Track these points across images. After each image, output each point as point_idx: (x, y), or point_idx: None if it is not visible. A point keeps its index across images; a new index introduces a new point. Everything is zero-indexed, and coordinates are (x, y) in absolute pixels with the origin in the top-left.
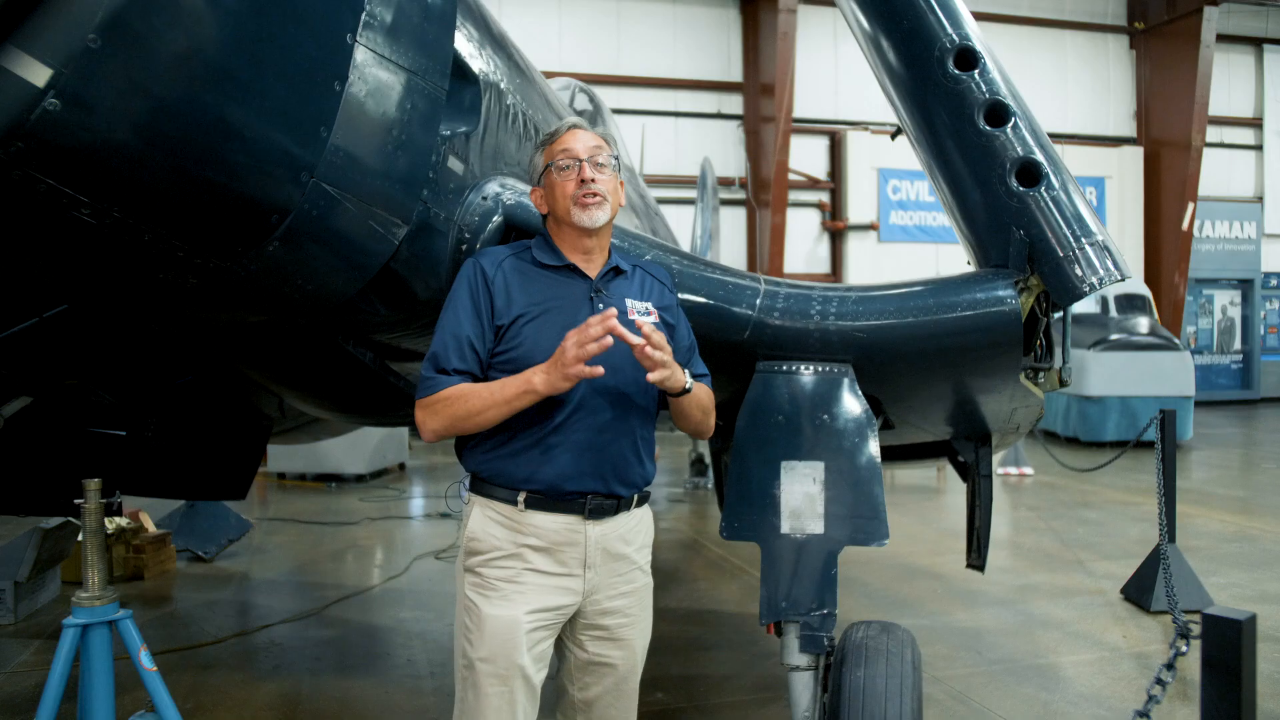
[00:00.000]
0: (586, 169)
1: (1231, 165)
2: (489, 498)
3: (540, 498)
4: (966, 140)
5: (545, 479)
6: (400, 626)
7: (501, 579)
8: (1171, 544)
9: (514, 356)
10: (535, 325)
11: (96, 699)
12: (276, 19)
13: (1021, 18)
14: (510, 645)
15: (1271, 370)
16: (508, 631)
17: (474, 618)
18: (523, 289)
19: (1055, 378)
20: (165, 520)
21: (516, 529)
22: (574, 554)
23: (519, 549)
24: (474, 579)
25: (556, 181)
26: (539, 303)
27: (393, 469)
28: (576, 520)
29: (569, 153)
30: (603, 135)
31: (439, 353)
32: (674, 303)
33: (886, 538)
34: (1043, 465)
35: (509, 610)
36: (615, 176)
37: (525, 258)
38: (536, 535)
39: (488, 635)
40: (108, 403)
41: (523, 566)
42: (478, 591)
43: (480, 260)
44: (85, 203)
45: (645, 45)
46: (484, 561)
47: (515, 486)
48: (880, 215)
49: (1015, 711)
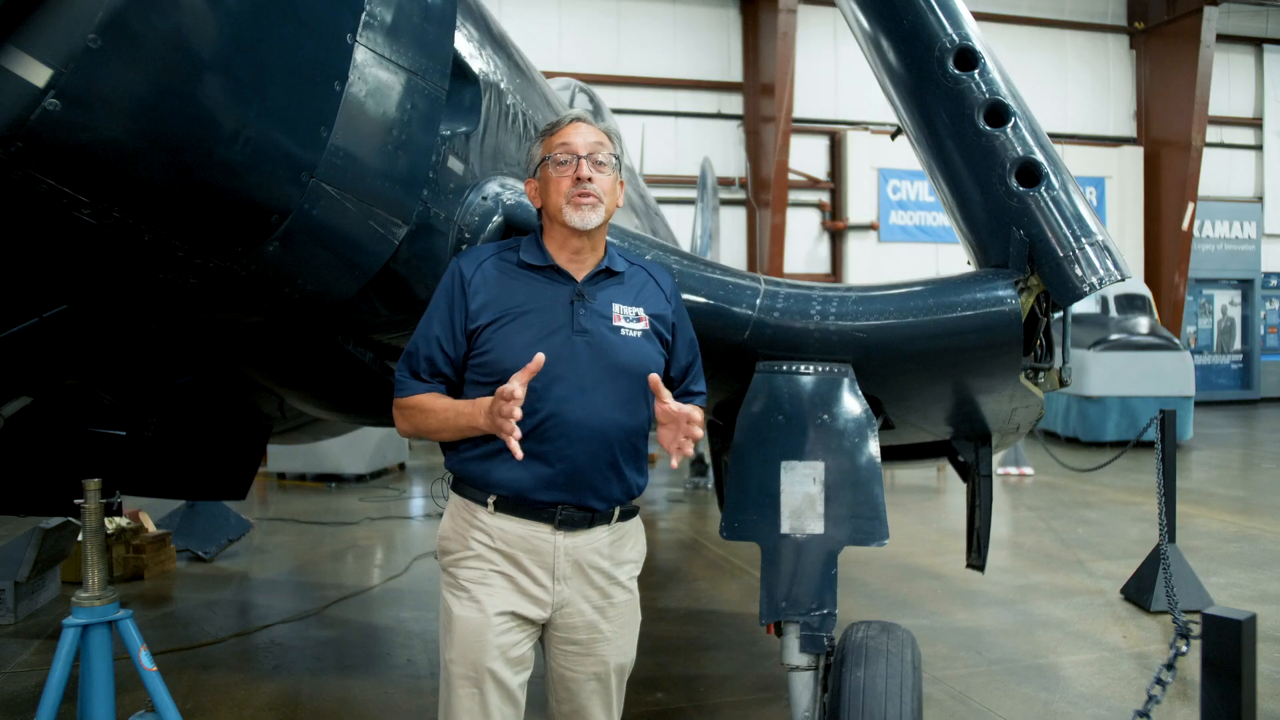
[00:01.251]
0: (584, 166)
1: (1231, 165)
2: (463, 498)
3: (509, 502)
4: (966, 140)
5: (515, 484)
6: (400, 626)
7: (470, 580)
8: (1171, 544)
9: (485, 360)
10: (509, 330)
11: (96, 699)
12: (276, 19)
13: (1021, 18)
14: (477, 648)
15: (1271, 370)
16: (475, 633)
17: (445, 617)
18: (501, 291)
19: (1055, 378)
20: (165, 520)
21: (485, 530)
22: (540, 562)
23: (485, 550)
24: (447, 578)
25: (552, 176)
26: (517, 305)
27: (393, 469)
28: (546, 529)
29: (568, 147)
30: (606, 130)
31: (411, 354)
32: (670, 313)
33: (886, 538)
34: (1043, 465)
35: (475, 612)
36: (615, 175)
37: (509, 258)
38: (504, 540)
39: (456, 636)
40: (108, 403)
41: (489, 568)
42: (449, 591)
43: (461, 261)
44: (85, 203)
45: (645, 45)
46: (454, 561)
47: (486, 488)
48: (880, 215)
49: (1015, 711)
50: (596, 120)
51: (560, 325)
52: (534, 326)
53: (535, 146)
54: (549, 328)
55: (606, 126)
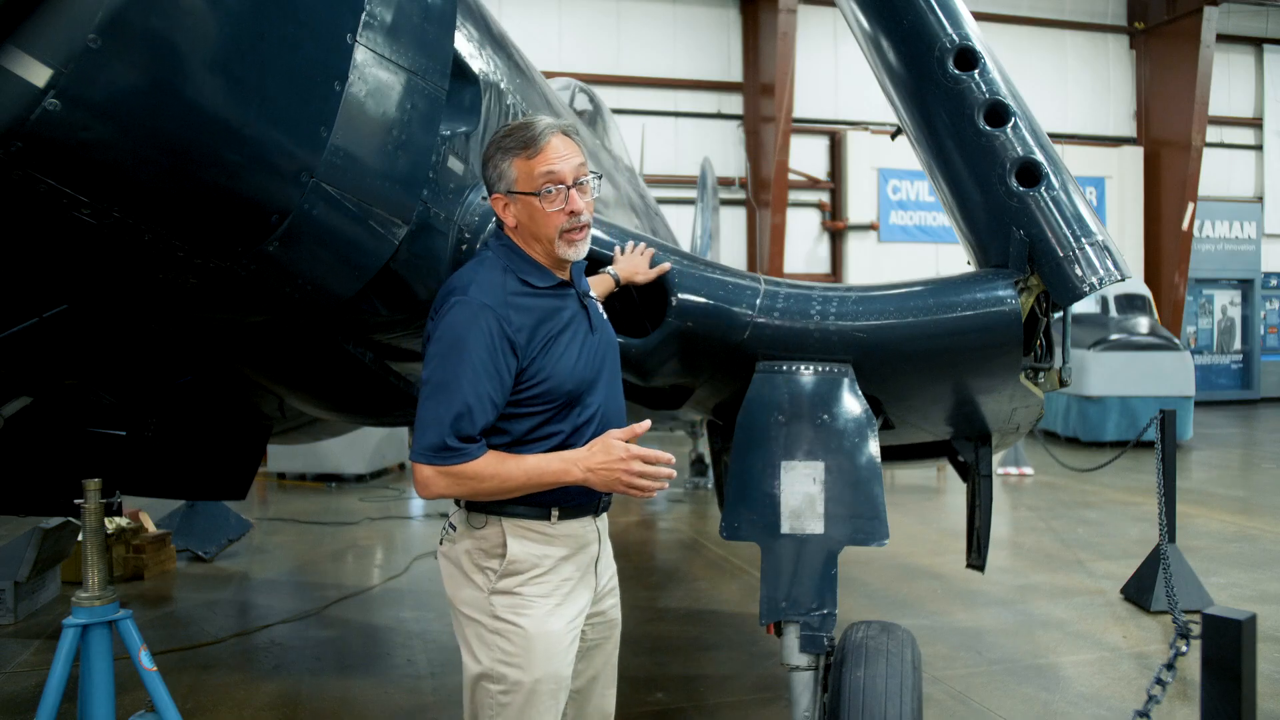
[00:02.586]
0: (576, 199)
1: (1231, 165)
2: (518, 517)
3: (571, 508)
4: (966, 140)
5: (577, 493)
6: (400, 626)
7: (544, 595)
8: (1171, 544)
9: (542, 391)
10: (553, 354)
11: (96, 699)
12: (276, 19)
13: (1021, 18)
14: (559, 660)
15: (1271, 370)
16: (555, 646)
17: (519, 640)
18: (532, 320)
19: (1055, 378)
20: (165, 520)
21: (554, 542)
22: (592, 552)
23: (557, 563)
24: (510, 600)
25: (539, 208)
26: (549, 329)
27: (393, 469)
28: (590, 519)
29: (554, 176)
30: (578, 137)
31: (462, 416)
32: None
33: (886, 538)
34: (1043, 465)
35: (552, 625)
36: (594, 192)
37: (516, 288)
38: (565, 543)
39: (539, 655)
40: (108, 403)
41: (558, 578)
42: (517, 613)
43: (486, 303)
44: (85, 203)
45: (645, 45)
46: (525, 581)
47: (546, 503)
48: (880, 215)
49: (1015, 711)
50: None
51: (585, 332)
52: (573, 342)
53: (505, 162)
54: (581, 338)
55: (573, 128)
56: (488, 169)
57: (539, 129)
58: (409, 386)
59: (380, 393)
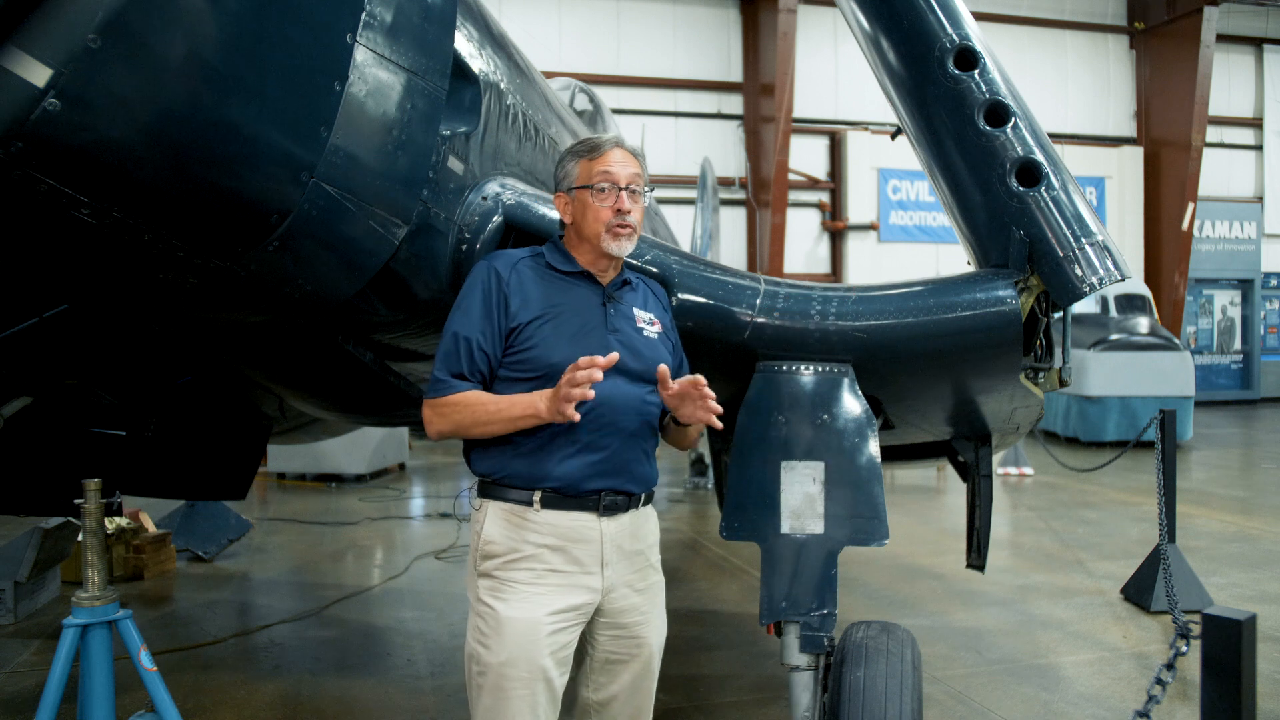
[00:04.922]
0: (625, 200)
1: (1231, 165)
2: (502, 500)
3: (555, 496)
4: (966, 140)
5: (559, 477)
6: (400, 626)
7: (521, 580)
8: (1171, 544)
9: (527, 357)
10: (550, 327)
11: (96, 699)
12: (276, 19)
13: (1021, 18)
14: (532, 647)
15: (1271, 370)
16: (529, 633)
17: (491, 622)
18: (538, 291)
19: (1055, 378)
20: (165, 520)
21: (533, 529)
22: (590, 551)
23: (537, 549)
24: (489, 583)
25: (591, 203)
26: (554, 305)
27: (393, 469)
28: (591, 517)
29: (609, 176)
30: (640, 157)
31: (451, 354)
32: (669, 322)
33: (886, 538)
34: (1043, 465)
35: (529, 612)
36: (644, 203)
37: (539, 262)
38: (553, 534)
39: (508, 638)
40: (108, 403)
41: (543, 568)
42: (494, 595)
43: (494, 262)
44: (85, 203)
45: (645, 45)
46: (501, 564)
47: (529, 486)
48: (880, 215)
49: (1015, 711)
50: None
51: (595, 325)
52: (573, 324)
53: (571, 163)
54: (586, 326)
55: (638, 151)
56: (557, 172)
57: (606, 139)
58: (409, 386)
59: (380, 393)
